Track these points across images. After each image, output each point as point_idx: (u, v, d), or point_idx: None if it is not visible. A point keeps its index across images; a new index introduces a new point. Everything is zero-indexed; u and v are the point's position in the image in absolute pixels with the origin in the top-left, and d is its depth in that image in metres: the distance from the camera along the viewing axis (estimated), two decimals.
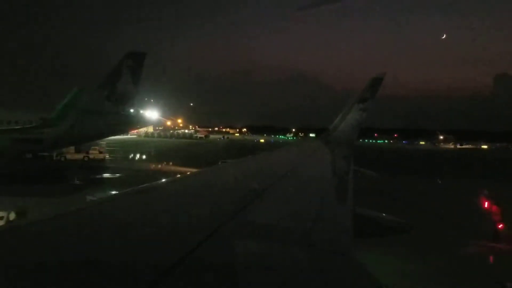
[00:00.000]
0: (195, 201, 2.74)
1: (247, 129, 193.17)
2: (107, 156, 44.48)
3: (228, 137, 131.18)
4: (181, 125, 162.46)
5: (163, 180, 3.74)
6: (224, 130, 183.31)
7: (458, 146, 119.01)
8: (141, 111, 38.92)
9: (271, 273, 1.53)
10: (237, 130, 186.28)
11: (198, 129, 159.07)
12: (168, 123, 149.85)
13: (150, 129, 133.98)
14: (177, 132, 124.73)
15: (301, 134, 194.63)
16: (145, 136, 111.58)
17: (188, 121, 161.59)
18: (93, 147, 44.73)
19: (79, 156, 41.16)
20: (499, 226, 16.61)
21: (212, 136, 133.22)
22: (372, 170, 10.35)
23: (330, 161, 7.13)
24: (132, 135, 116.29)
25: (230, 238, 1.82)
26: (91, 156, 41.99)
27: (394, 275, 9.92)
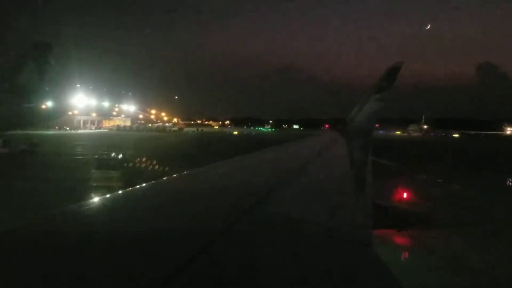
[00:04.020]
0: (217, 191, 2.75)
1: (230, 121, 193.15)
2: (36, 149, 44.99)
3: (202, 130, 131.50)
4: (165, 118, 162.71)
5: (178, 174, 3.85)
6: (207, 123, 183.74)
7: (431, 134, 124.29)
8: (54, 103, 39.02)
9: (291, 264, 1.55)
10: (220, 122, 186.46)
11: (179, 122, 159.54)
12: (152, 116, 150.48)
13: (128, 122, 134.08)
14: (150, 125, 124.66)
15: (285, 125, 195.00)
16: (116, 130, 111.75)
17: (173, 114, 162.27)
18: (25, 139, 45.19)
19: (4, 150, 41.62)
20: None
21: (191, 129, 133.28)
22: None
23: (349, 152, 7.12)
24: (105, 129, 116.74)
25: (248, 229, 1.84)
26: (18, 150, 42.53)
27: None
